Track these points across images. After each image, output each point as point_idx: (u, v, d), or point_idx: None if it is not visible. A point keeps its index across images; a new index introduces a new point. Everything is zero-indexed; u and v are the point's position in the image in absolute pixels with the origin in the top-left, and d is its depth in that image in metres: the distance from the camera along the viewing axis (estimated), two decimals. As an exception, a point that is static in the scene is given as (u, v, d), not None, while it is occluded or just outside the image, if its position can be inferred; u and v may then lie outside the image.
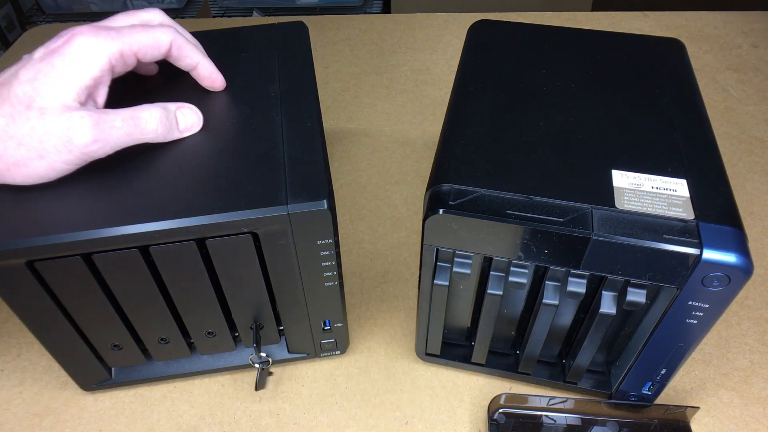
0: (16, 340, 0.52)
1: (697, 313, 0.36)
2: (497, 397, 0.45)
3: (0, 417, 0.47)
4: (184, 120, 0.39)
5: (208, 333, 0.44)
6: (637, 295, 0.37)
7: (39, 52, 0.35)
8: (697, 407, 0.44)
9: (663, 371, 0.42)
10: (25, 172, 0.35)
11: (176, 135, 0.39)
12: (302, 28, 0.49)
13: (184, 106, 0.40)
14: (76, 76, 0.35)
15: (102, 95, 0.37)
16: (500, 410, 0.45)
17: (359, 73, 0.82)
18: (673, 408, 0.44)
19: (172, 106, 0.39)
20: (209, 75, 0.42)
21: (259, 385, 0.47)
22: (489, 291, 0.39)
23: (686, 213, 0.34)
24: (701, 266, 0.33)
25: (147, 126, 0.37)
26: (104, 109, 0.36)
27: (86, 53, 0.35)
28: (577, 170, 0.37)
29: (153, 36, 0.38)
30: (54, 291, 0.38)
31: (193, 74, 0.42)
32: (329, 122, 0.74)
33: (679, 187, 0.36)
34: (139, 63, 0.39)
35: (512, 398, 0.45)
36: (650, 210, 0.34)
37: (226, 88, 0.43)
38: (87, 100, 0.36)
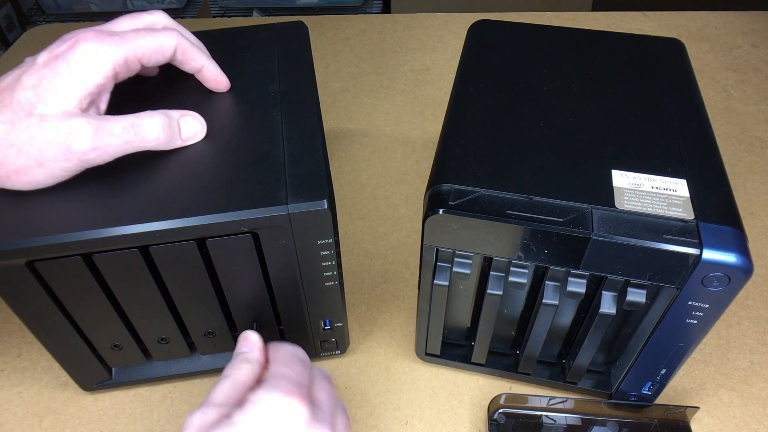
0: (16, 340, 0.52)
1: (697, 313, 0.36)
2: (497, 397, 0.45)
3: (0, 417, 0.47)
4: (187, 128, 0.38)
5: (208, 333, 0.44)
6: (637, 295, 0.37)
7: (42, 57, 0.35)
8: (697, 407, 0.44)
9: (663, 371, 0.42)
10: (25, 180, 0.34)
11: (178, 143, 0.38)
12: (302, 28, 0.49)
13: (187, 113, 0.39)
14: (80, 84, 0.34)
15: (104, 101, 0.37)
16: (500, 410, 0.45)
17: (359, 73, 0.82)
18: (673, 408, 0.44)
19: (175, 113, 0.38)
20: (214, 77, 0.42)
21: None
22: (489, 291, 0.39)
23: (686, 213, 0.34)
24: (701, 266, 0.33)
25: (148, 135, 0.36)
26: (105, 116, 0.35)
27: (90, 60, 0.34)
28: (576, 170, 0.37)
29: (157, 41, 0.37)
30: (54, 291, 0.38)
31: (198, 77, 0.42)
32: (329, 122, 0.74)
33: (679, 187, 0.36)
34: (143, 67, 0.38)
35: (512, 398, 0.45)
36: (650, 210, 0.34)
37: None
38: (89, 106, 0.35)
